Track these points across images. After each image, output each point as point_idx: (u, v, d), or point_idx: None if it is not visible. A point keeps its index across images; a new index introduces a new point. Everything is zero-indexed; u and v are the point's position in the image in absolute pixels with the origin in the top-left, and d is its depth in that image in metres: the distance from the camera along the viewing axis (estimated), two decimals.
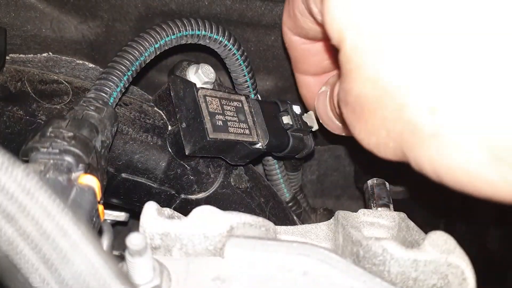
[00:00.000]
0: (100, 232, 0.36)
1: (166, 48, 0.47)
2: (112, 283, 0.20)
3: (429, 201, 0.70)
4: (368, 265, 0.36)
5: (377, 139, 0.32)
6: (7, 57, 0.50)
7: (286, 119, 0.55)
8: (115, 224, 0.64)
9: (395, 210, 0.48)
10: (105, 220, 0.58)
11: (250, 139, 0.50)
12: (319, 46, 0.49)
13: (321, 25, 0.39)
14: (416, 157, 0.30)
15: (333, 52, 0.48)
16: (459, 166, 0.28)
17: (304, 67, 0.52)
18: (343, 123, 0.48)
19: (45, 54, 0.52)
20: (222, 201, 0.53)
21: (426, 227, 0.40)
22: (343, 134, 0.51)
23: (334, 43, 0.33)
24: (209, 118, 0.47)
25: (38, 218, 0.20)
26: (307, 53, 0.50)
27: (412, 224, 0.42)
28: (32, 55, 0.52)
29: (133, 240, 0.29)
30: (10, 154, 0.21)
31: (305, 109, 0.57)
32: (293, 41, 0.49)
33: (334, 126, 0.50)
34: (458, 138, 0.27)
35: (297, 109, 0.57)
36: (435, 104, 0.27)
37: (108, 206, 0.57)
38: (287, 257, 0.34)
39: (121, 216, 0.62)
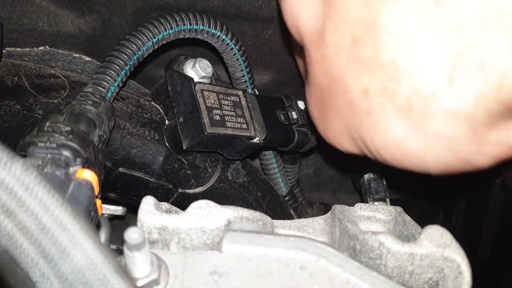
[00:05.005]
0: (97, 226, 0.36)
1: (164, 42, 0.47)
2: (111, 278, 0.20)
3: (423, 205, 0.70)
4: (364, 259, 0.36)
5: (333, 127, 0.36)
6: (3, 51, 0.50)
7: (291, 114, 0.55)
8: (113, 218, 0.64)
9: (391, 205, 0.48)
10: (102, 214, 0.58)
11: (248, 134, 0.50)
12: None
13: None
14: (361, 137, 0.34)
15: None
16: (390, 139, 0.32)
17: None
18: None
19: (41, 48, 0.52)
20: (220, 196, 0.53)
21: (422, 223, 0.40)
22: None
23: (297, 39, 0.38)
24: (206, 112, 0.47)
25: (38, 213, 0.20)
26: None
27: (408, 218, 0.42)
28: (28, 48, 0.52)
29: (131, 234, 0.29)
30: (9, 149, 0.21)
31: None
32: None
33: None
34: (385, 114, 0.31)
35: (301, 104, 0.57)
36: (366, 86, 0.31)
37: (105, 200, 0.58)
38: (284, 251, 0.34)
39: (118, 210, 0.62)
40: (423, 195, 0.69)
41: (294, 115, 0.56)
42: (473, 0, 0.26)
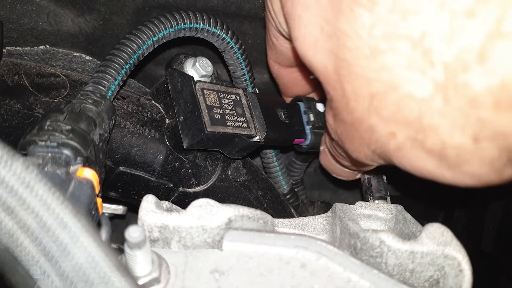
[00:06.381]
0: (98, 225, 0.36)
1: (164, 41, 0.47)
2: (112, 275, 0.20)
3: (426, 198, 0.70)
4: (365, 257, 0.36)
5: (364, 154, 0.38)
6: (3, 50, 0.50)
7: (308, 117, 0.56)
8: (113, 217, 0.64)
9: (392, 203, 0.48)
10: (103, 213, 0.59)
11: (248, 132, 0.50)
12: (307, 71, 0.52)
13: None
14: (391, 161, 0.36)
15: None
16: (421, 169, 0.34)
17: (294, 91, 0.57)
18: (353, 163, 0.51)
19: (42, 47, 0.52)
20: (220, 194, 0.53)
21: (423, 221, 0.40)
22: (357, 176, 0.54)
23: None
24: (207, 111, 0.47)
25: (38, 211, 0.20)
26: (295, 81, 0.54)
27: (409, 216, 0.42)
28: (29, 48, 0.52)
29: (132, 233, 0.29)
30: (9, 147, 0.21)
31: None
32: (281, 72, 0.53)
33: (346, 174, 0.54)
34: (414, 151, 0.33)
35: (320, 106, 0.58)
36: (393, 131, 0.33)
37: (106, 199, 0.58)
38: (285, 249, 0.34)
39: (119, 209, 0.62)
40: (425, 189, 0.68)
41: (312, 117, 0.56)
42: (485, 84, 0.28)
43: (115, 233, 0.64)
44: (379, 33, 0.30)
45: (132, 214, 0.66)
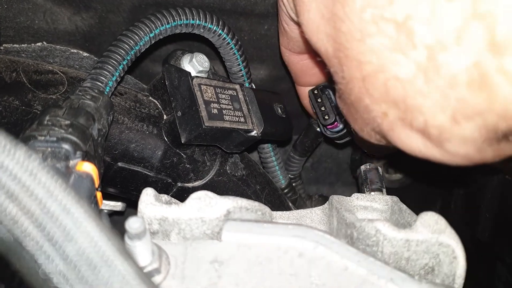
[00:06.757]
0: None
1: (161, 37, 0.47)
2: (114, 259, 0.20)
3: (422, 189, 0.71)
4: (362, 246, 0.36)
5: (367, 133, 0.39)
6: (1, 47, 0.50)
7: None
8: (112, 214, 0.64)
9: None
10: (102, 210, 0.59)
11: (245, 127, 0.51)
12: (316, 59, 0.53)
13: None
14: (389, 142, 0.38)
15: None
16: (412, 147, 0.36)
17: (305, 79, 0.57)
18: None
19: (39, 44, 0.52)
20: (218, 189, 0.53)
21: (422, 205, 0.41)
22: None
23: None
24: (204, 106, 0.47)
25: (42, 197, 0.20)
26: (306, 68, 0.55)
27: (404, 206, 0.43)
28: (26, 45, 0.52)
29: (132, 223, 0.29)
30: (12, 136, 0.21)
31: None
32: (292, 59, 0.54)
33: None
34: (404, 131, 0.35)
35: None
36: (385, 111, 0.34)
37: (105, 195, 0.58)
38: (283, 238, 0.35)
39: (118, 206, 0.62)
40: (422, 178, 0.69)
41: None
42: (461, 63, 0.29)
43: (114, 230, 0.65)
44: (368, 16, 0.31)
45: (131, 210, 0.66)
